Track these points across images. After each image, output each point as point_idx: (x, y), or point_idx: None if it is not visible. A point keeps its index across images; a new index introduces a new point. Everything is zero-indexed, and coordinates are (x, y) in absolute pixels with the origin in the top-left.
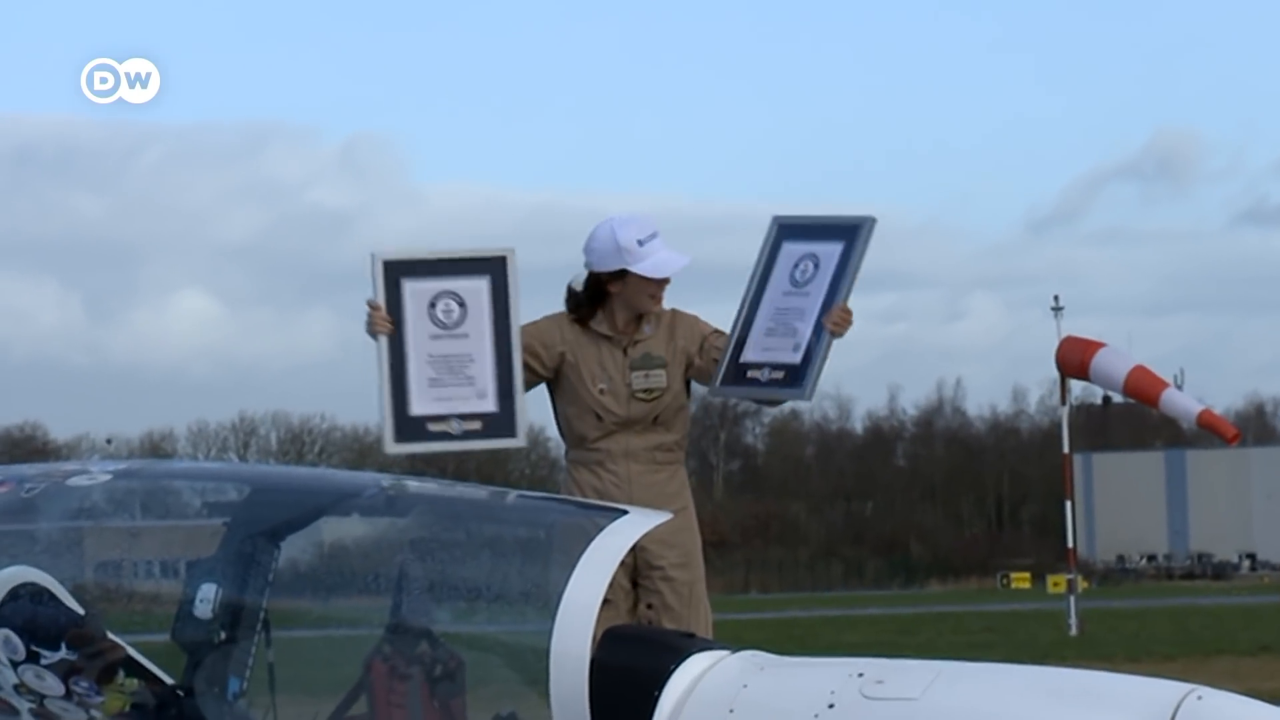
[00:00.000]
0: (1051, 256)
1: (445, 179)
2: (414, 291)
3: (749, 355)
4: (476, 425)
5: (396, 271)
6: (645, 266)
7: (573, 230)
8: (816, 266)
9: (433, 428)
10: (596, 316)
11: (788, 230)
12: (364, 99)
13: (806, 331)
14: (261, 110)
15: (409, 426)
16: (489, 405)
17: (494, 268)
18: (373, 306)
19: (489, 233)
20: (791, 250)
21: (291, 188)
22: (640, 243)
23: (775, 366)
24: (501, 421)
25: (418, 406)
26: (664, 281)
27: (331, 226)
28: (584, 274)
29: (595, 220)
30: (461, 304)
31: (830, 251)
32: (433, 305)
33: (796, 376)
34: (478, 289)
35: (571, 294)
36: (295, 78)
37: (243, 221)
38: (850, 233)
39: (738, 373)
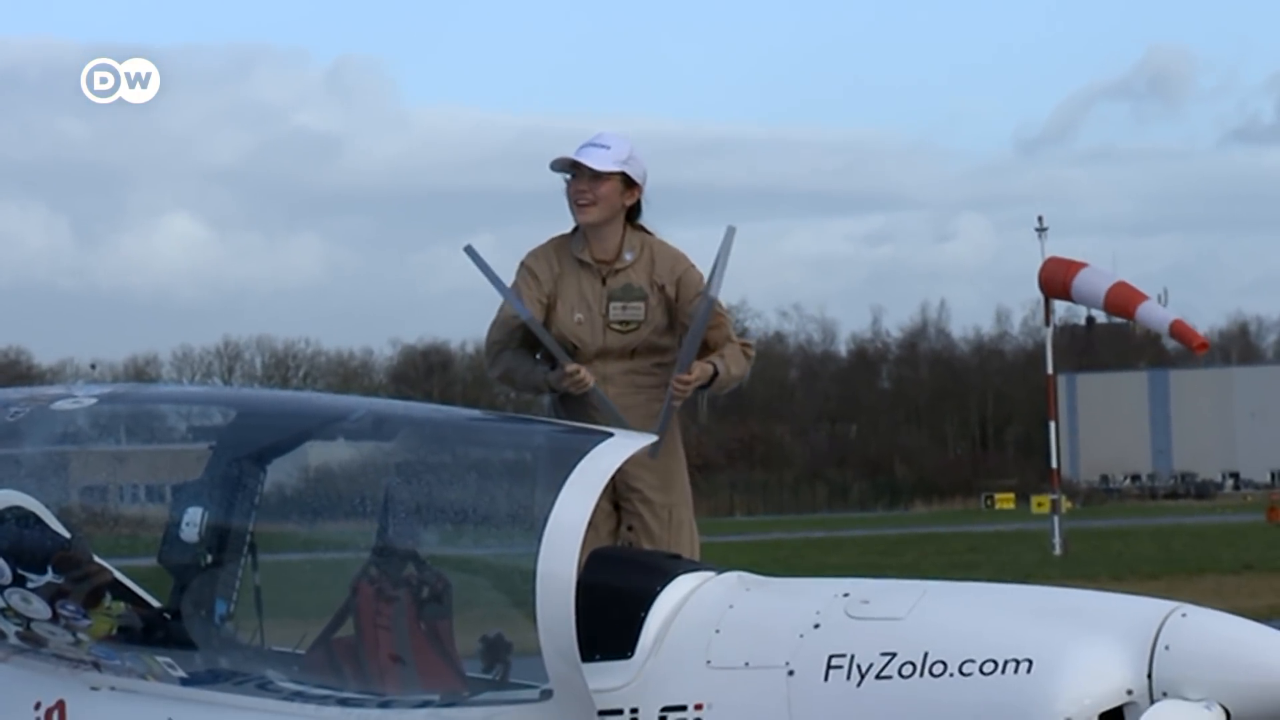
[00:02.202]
0: (1041, 177)
1: (433, 102)
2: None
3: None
4: None
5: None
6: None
7: (559, 152)
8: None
9: None
10: (578, 239)
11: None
12: (351, 21)
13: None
14: (248, 33)
15: None
16: None
17: None
18: (573, 370)
19: (477, 156)
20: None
21: (279, 111)
22: (580, 147)
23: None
24: None
25: None
26: (580, 184)
27: (319, 150)
28: None
29: (580, 143)
30: None
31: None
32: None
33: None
34: None
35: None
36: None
37: (230, 145)
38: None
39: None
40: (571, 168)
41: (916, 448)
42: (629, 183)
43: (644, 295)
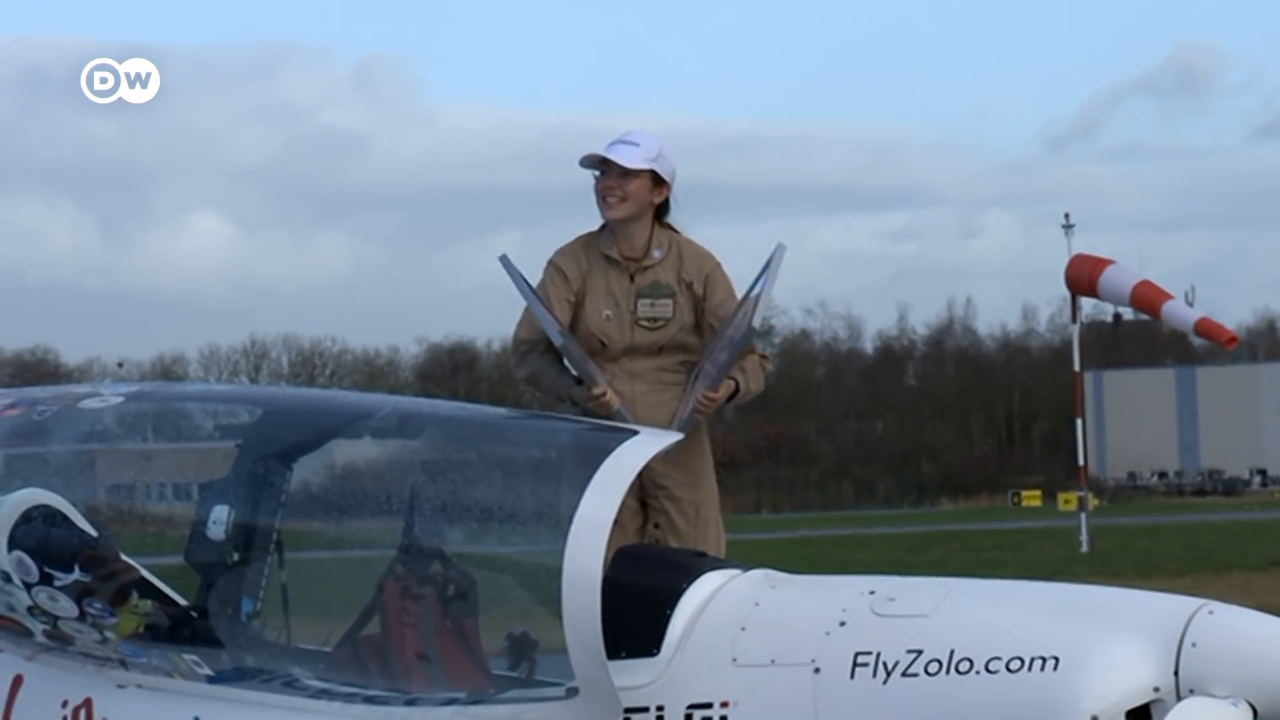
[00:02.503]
0: (1068, 173)
1: (458, 100)
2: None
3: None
4: None
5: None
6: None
7: (585, 150)
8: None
9: None
10: (605, 236)
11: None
12: (377, 20)
13: (690, 390)
14: (274, 31)
15: None
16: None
17: None
18: (600, 393)
19: (503, 154)
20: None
21: (305, 109)
22: (610, 145)
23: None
24: None
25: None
26: (608, 180)
27: (345, 148)
28: None
29: (606, 141)
30: None
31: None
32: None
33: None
34: None
35: None
36: None
37: (256, 143)
38: (764, 267)
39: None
40: (600, 164)
41: (943, 445)
42: (658, 180)
43: (672, 292)
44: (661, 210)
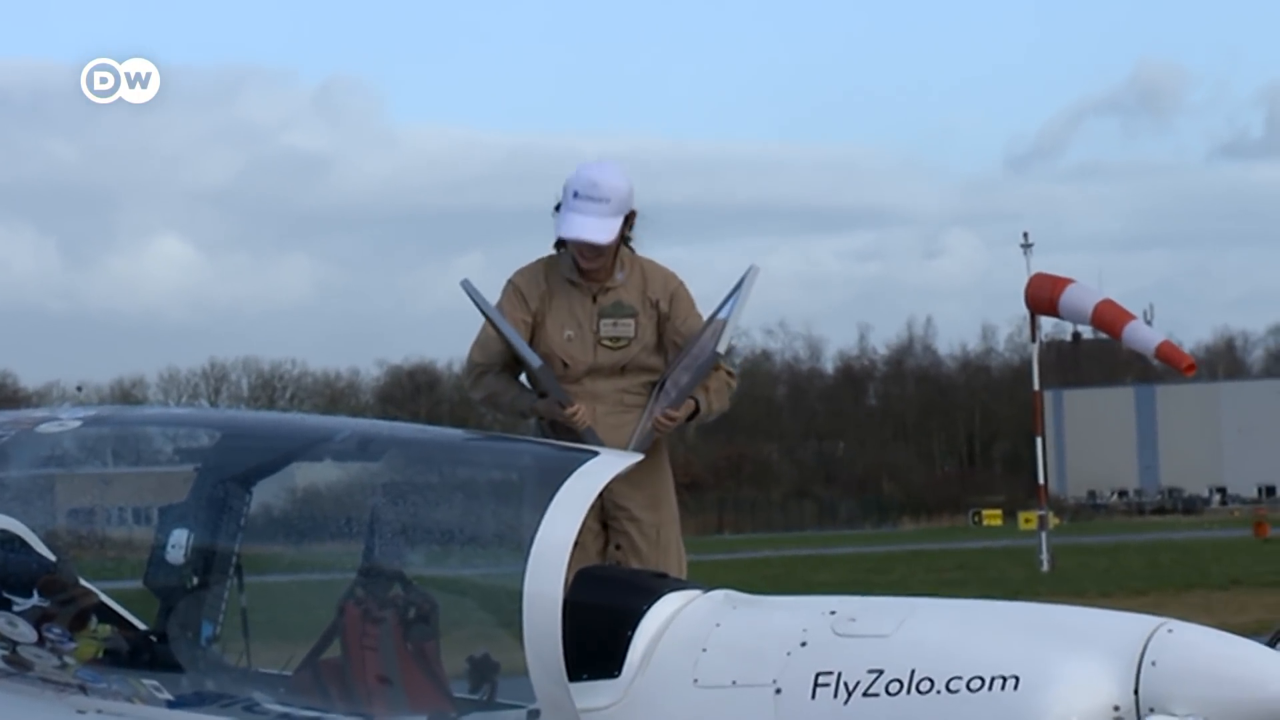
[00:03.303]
0: (1030, 192)
1: (421, 121)
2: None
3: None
4: None
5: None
6: (560, 220)
7: (549, 172)
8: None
9: None
10: (566, 259)
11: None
12: (339, 42)
13: (650, 409)
14: (237, 53)
15: None
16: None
17: None
18: (574, 412)
19: (466, 175)
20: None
21: (267, 131)
22: (576, 195)
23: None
24: None
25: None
26: (591, 244)
27: (308, 170)
28: None
29: (569, 162)
30: None
31: (725, 308)
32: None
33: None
34: None
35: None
36: (270, 21)
37: (219, 165)
38: (735, 287)
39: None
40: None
41: (904, 465)
42: (626, 219)
43: (635, 312)
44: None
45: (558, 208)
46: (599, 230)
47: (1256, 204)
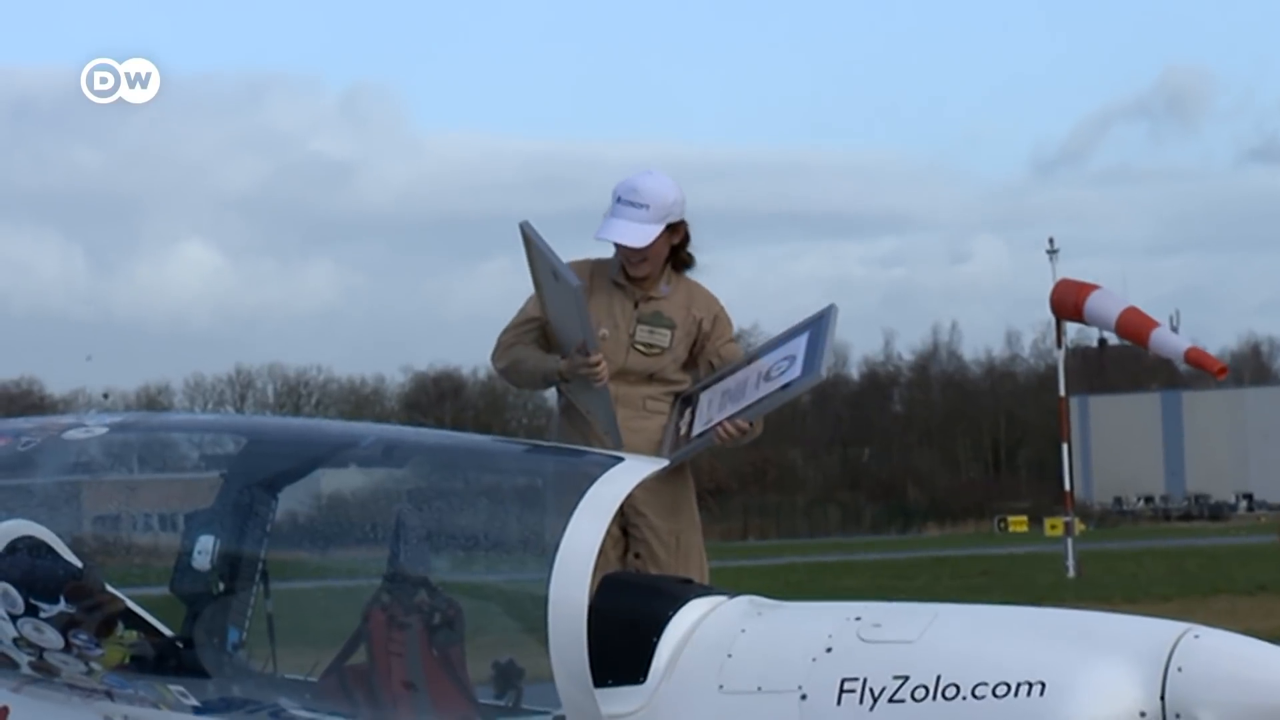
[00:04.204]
0: (1057, 198)
1: (446, 128)
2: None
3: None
4: None
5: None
6: (603, 222)
7: (573, 178)
8: (790, 363)
9: None
10: (615, 263)
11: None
12: (364, 48)
13: (717, 418)
14: (262, 61)
15: None
16: None
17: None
18: (597, 361)
19: (490, 181)
20: (783, 349)
21: (292, 138)
22: (619, 200)
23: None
24: None
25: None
26: (629, 248)
27: (332, 176)
28: None
29: (593, 168)
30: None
31: (798, 342)
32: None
33: (676, 446)
34: None
35: None
36: (296, 28)
37: (244, 172)
38: (815, 321)
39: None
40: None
41: (929, 471)
42: (672, 226)
43: (673, 325)
44: (681, 253)
45: None
46: (634, 234)
47: None
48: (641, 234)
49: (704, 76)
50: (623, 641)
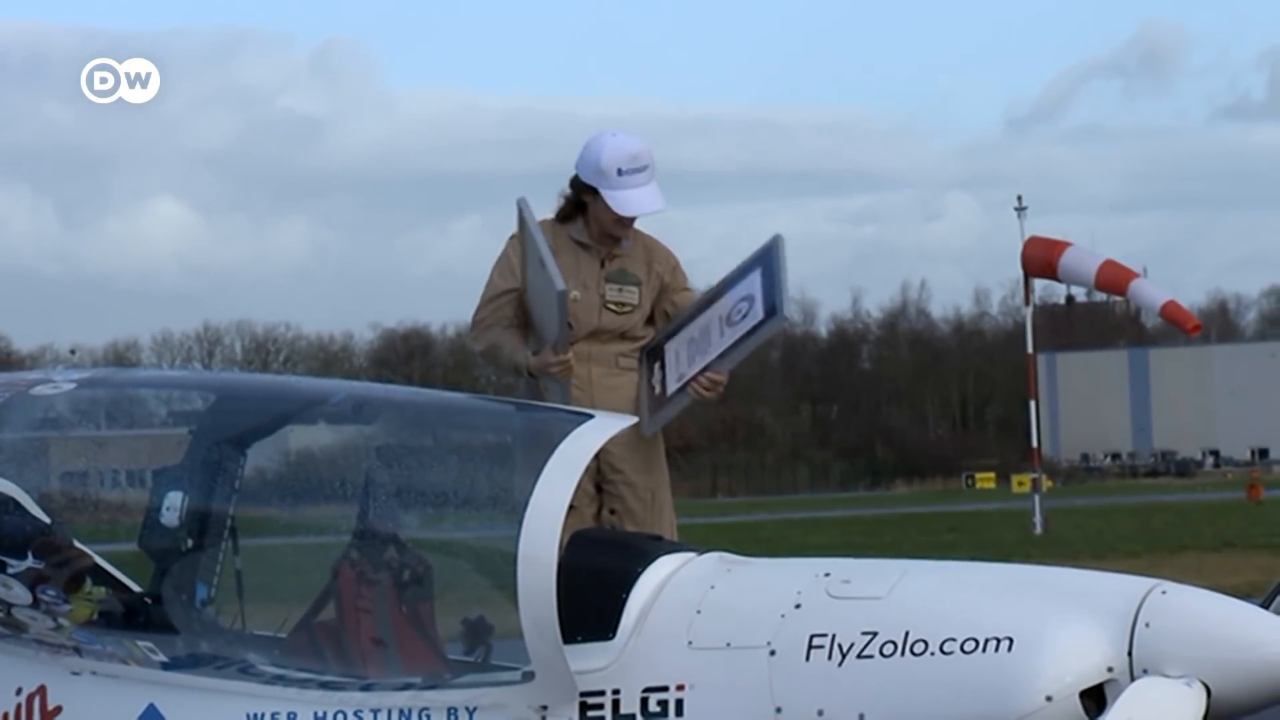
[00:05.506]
0: (1030, 155)
1: (418, 84)
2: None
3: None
4: None
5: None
6: (614, 198)
7: (546, 136)
8: (750, 304)
9: None
10: (577, 222)
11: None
12: (336, 4)
13: (689, 373)
14: (233, 16)
15: None
16: None
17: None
18: (567, 358)
19: (462, 139)
20: (739, 289)
21: (264, 94)
22: (620, 172)
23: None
24: None
25: None
26: (624, 222)
27: (304, 133)
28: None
29: (568, 126)
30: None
31: (753, 280)
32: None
33: (657, 406)
34: None
35: (565, 193)
36: None
37: (215, 128)
38: (763, 257)
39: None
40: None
41: (897, 428)
42: None
43: (639, 281)
44: None
45: (577, 187)
46: (656, 200)
47: (1257, 166)
48: (659, 196)
49: (677, 34)
50: (592, 598)
